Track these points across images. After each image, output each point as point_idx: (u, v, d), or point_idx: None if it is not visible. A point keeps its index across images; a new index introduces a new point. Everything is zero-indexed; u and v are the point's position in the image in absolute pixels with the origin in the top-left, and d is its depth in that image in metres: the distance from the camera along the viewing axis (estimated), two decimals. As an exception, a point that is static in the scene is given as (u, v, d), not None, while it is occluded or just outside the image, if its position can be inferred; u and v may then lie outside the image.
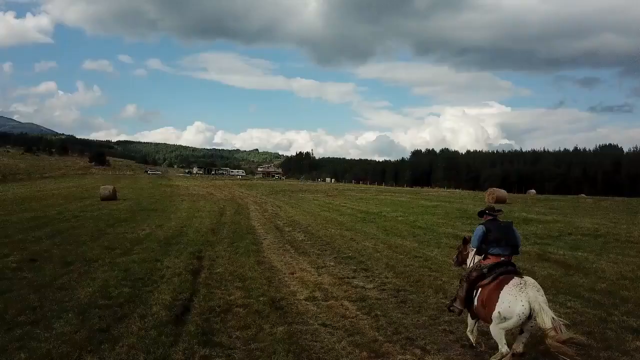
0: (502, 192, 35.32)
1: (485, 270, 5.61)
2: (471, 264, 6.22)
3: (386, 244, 14.98)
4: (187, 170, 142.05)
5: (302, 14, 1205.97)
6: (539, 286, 4.94)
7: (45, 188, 62.92)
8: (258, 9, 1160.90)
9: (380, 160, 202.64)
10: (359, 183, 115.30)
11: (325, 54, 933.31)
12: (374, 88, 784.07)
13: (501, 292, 5.01)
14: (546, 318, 4.58)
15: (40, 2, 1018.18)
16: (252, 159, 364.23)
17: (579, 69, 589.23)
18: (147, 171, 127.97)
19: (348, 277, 10.34)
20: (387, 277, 10.27)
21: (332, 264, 11.94)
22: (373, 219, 22.97)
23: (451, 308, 6.20)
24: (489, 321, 5.20)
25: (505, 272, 5.39)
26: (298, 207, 30.72)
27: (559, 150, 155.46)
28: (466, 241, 6.78)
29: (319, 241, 15.84)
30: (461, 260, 6.93)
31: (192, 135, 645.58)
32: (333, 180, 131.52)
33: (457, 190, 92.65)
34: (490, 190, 35.69)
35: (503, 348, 5.00)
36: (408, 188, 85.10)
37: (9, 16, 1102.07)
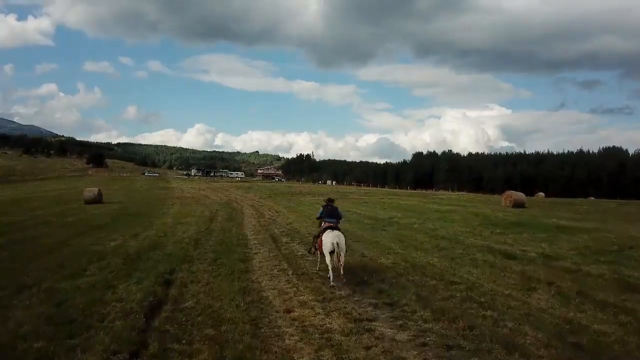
0: (520, 196, 32.21)
1: (323, 228, 10.51)
2: (321, 227, 10.89)
3: (408, 261, 11.86)
4: (185, 172, 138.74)
5: (302, 16, 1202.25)
6: (340, 233, 9.90)
7: (36, 190, 59.91)
8: (258, 10, 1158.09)
9: (381, 162, 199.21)
10: (361, 185, 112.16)
11: (326, 55, 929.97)
12: (375, 90, 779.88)
13: (323, 235, 10.09)
14: (339, 250, 9.64)
15: (41, 4, 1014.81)
16: (252, 161, 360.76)
17: (579, 71, 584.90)
18: (144, 173, 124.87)
19: (368, 319, 7.22)
20: (423, 319, 7.16)
21: (342, 293, 8.84)
22: (384, 226, 19.87)
23: (310, 251, 11.78)
24: (320, 251, 10.37)
25: (329, 227, 10.24)
26: (298, 212, 27.60)
27: (563, 152, 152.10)
28: (319, 217, 11.32)
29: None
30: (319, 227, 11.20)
31: (192, 137, 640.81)
32: (334, 182, 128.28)
33: (462, 192, 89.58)
34: (507, 193, 32.61)
35: (329, 263, 9.74)
36: (412, 190, 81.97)
37: (11, 18, 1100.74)
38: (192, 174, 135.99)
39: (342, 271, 9.64)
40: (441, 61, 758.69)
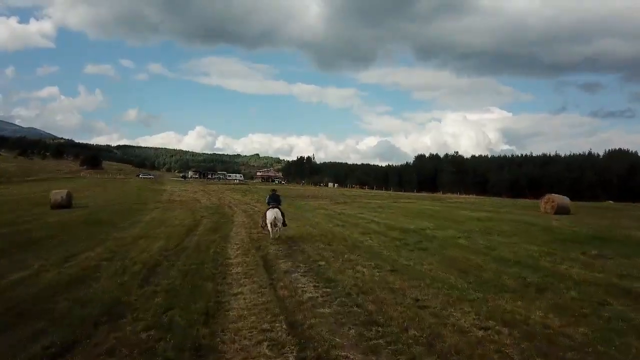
0: (564, 201, 26.83)
1: (268, 208, 15.50)
2: (269, 208, 15.46)
3: (496, 318, 6.58)
4: (182, 174, 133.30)
5: (303, 18, 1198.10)
6: (278, 211, 15.20)
7: (13, 193, 54.65)
8: (259, 13, 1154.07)
9: (382, 165, 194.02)
10: (364, 187, 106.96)
11: (326, 58, 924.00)
12: (375, 93, 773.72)
13: (267, 212, 15.35)
14: (276, 221, 15.08)
15: (43, 5, 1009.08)
16: (252, 164, 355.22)
17: (580, 74, 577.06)
18: (139, 175, 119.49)
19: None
20: None
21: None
22: (419, 242, 14.54)
23: (262, 226, 16.52)
24: (266, 224, 15.39)
25: (271, 208, 15.24)
26: (301, 219, 22.38)
27: (569, 154, 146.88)
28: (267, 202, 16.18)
29: (341, 299, 7.59)
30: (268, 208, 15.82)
31: (193, 140, 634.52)
32: (336, 185, 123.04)
33: (471, 195, 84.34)
34: (547, 197, 27.33)
35: (270, 229, 15.13)
36: (419, 193, 76.64)
37: (12, 21, 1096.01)
38: (189, 176, 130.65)
39: (278, 234, 15.51)
40: (442, 64, 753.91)
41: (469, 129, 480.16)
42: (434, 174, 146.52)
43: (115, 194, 48.44)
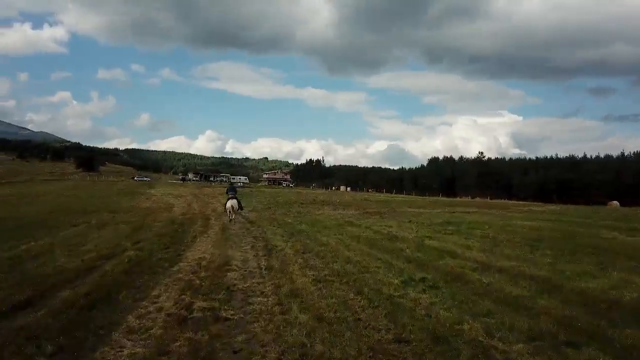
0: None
1: (228, 198, 19.33)
2: (227, 198, 19.43)
3: None
4: (180, 177, 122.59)
5: (312, 23, 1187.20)
6: (235, 201, 19.02)
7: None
8: (268, 18, 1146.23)
9: (394, 168, 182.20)
10: (382, 191, 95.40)
11: (335, 63, 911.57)
12: (384, 97, 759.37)
13: (227, 202, 19.20)
14: (233, 208, 18.91)
15: (55, 11, 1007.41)
16: (261, 167, 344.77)
17: (590, 78, 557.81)
18: (134, 177, 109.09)
19: None
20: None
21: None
22: None
23: (225, 212, 19.62)
24: (227, 211, 19.11)
25: (230, 198, 19.12)
26: (314, 243, 11.37)
27: (599, 156, 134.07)
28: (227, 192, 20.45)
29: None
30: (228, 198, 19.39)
31: (203, 144, 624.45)
32: (348, 188, 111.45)
33: (504, 200, 72.54)
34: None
35: (229, 215, 18.98)
36: (453, 198, 64.80)
37: (27, 27, 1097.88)
38: (189, 178, 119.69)
39: (234, 216, 19.07)
40: (452, 68, 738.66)
41: (479, 132, 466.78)
42: (452, 177, 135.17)
43: (78, 197, 37.22)
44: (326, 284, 8.23)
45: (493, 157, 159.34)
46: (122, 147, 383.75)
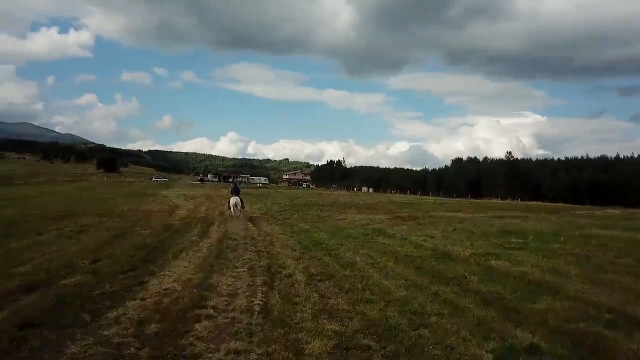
0: None
1: (231, 196, 21.43)
2: (231, 196, 21.39)
3: None
4: (199, 178, 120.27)
5: (333, 25, 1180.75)
6: (238, 198, 21.10)
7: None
8: (289, 20, 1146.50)
9: (416, 169, 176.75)
10: (406, 192, 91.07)
11: (355, 64, 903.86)
12: (405, 98, 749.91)
13: (230, 199, 21.27)
14: (237, 206, 20.84)
15: (80, 16, 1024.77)
16: (282, 169, 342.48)
17: (618, 77, 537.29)
18: (151, 178, 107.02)
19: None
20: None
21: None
22: None
23: (228, 207, 21.45)
24: (231, 208, 20.89)
25: (232, 196, 21.26)
26: (336, 262, 7.89)
27: (633, 156, 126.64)
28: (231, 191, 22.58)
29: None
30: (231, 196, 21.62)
31: (225, 146, 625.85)
32: (370, 189, 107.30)
33: (537, 202, 67.49)
34: None
35: (232, 211, 20.66)
36: (487, 200, 60.25)
37: (53, 31, 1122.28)
38: (208, 179, 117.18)
39: (239, 214, 20.76)
40: (473, 68, 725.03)
41: (502, 133, 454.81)
42: (477, 178, 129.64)
43: (79, 199, 34.27)
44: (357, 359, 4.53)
45: (519, 158, 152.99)
46: (145, 149, 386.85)
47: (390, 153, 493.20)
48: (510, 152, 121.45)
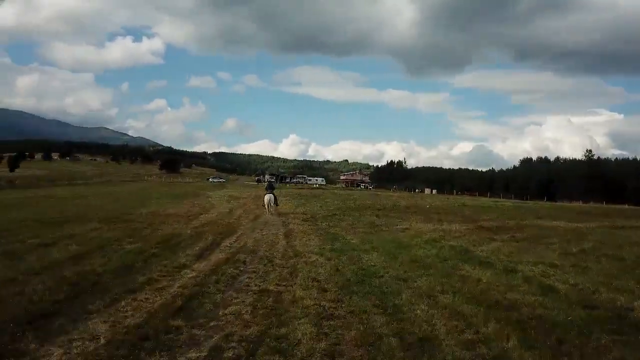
0: None
1: (265, 193, 21.57)
2: (266, 193, 21.37)
3: None
4: (256, 179, 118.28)
5: (394, 25, 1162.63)
6: (272, 195, 20.96)
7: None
8: (350, 21, 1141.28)
9: (481, 170, 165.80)
10: (475, 194, 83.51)
11: (417, 64, 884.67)
12: (469, 97, 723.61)
13: (264, 196, 21.25)
14: (270, 203, 20.61)
15: (152, 25, 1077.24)
16: (341, 170, 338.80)
17: None
18: (208, 178, 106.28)
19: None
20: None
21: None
22: None
23: (262, 206, 21.71)
24: (265, 205, 20.75)
25: (267, 193, 21.25)
26: (398, 327, 2.63)
27: None
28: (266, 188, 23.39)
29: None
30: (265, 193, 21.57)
31: (287, 148, 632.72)
32: (434, 191, 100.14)
33: (628, 206, 58.14)
34: None
35: (266, 208, 20.50)
36: (616, 205, 52.24)
37: (128, 40, 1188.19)
38: (266, 179, 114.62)
39: (273, 211, 20.47)
40: (542, 65, 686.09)
41: (573, 133, 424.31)
42: (549, 179, 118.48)
43: (115, 199, 31.35)
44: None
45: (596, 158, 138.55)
46: (210, 151, 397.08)
47: (453, 153, 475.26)
48: (590, 151, 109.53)
